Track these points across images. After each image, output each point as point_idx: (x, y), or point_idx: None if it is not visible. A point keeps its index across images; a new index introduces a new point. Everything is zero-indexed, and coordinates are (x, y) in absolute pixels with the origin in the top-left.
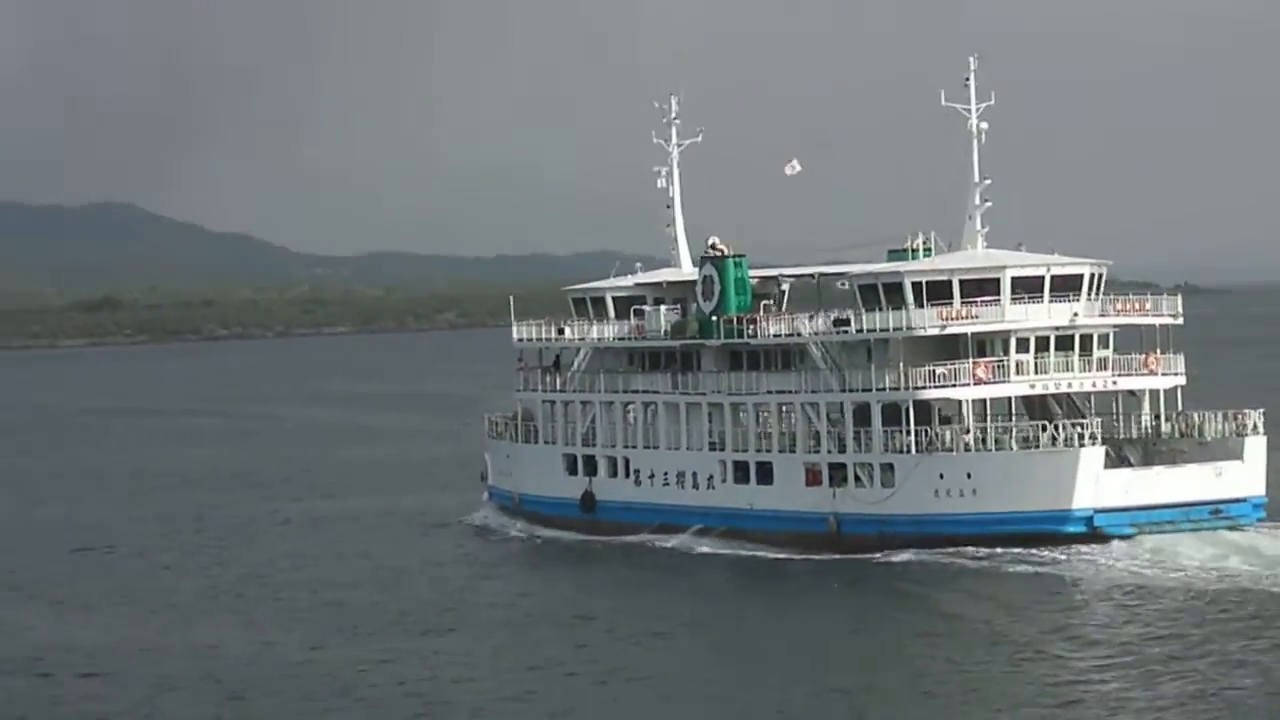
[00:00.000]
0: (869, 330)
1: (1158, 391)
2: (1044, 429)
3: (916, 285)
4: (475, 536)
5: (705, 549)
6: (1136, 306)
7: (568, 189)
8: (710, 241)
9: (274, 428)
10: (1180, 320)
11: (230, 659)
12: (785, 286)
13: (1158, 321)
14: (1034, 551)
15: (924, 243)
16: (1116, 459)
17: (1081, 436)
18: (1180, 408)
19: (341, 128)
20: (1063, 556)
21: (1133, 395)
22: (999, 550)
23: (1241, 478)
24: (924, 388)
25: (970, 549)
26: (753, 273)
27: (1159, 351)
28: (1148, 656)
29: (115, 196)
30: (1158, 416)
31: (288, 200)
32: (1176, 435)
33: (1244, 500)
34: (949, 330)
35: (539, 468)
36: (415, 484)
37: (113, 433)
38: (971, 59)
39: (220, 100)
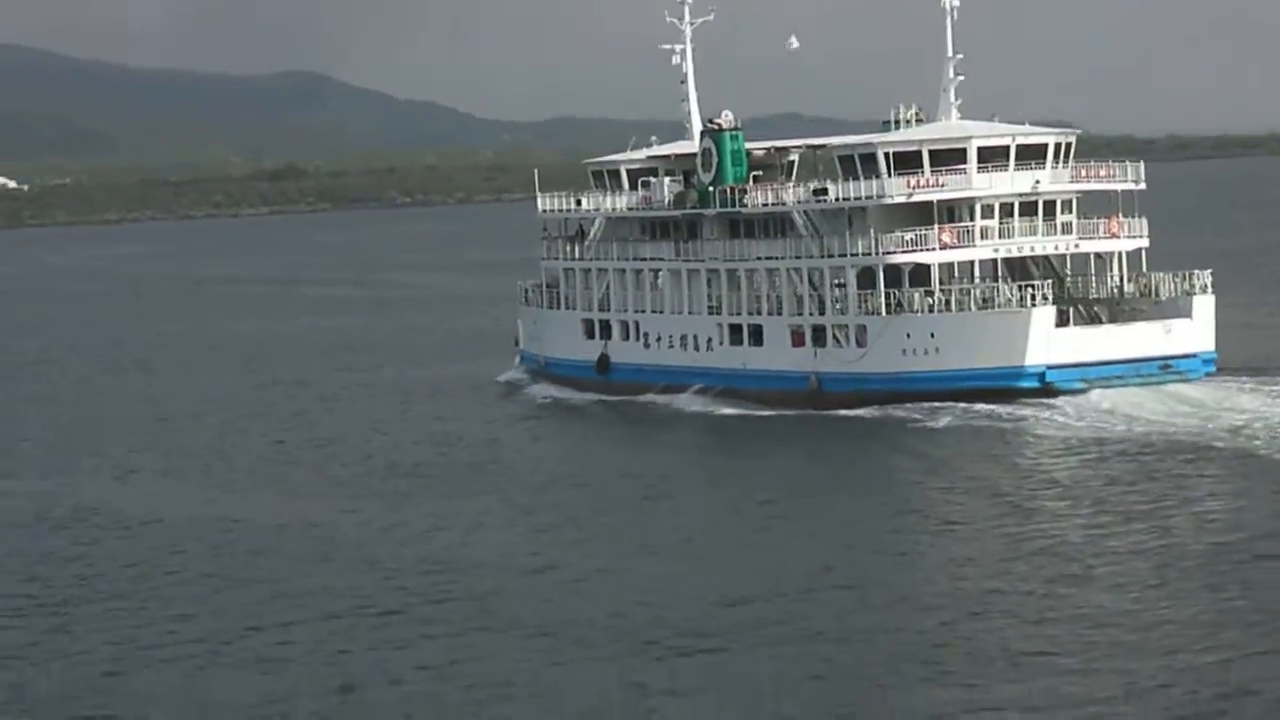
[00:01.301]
0: (844, 199)
1: (1120, 254)
2: (999, 291)
3: (888, 156)
4: (501, 398)
5: (702, 407)
6: (1099, 173)
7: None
8: (724, 115)
9: (401, 296)
10: (1142, 185)
11: (260, 520)
12: (794, 157)
13: (1119, 187)
14: (992, 406)
15: (916, 114)
16: (1087, 317)
17: (1034, 297)
18: (1144, 269)
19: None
20: (1016, 410)
21: (1100, 258)
22: (961, 405)
23: (1190, 334)
24: (893, 252)
25: (935, 404)
26: (760, 144)
27: (1121, 215)
28: (1077, 500)
29: (306, 66)
30: (1121, 278)
31: (475, 68)
32: (1138, 295)
33: (1193, 355)
34: (916, 198)
35: (561, 332)
36: (491, 349)
37: (244, 301)
38: None
39: None
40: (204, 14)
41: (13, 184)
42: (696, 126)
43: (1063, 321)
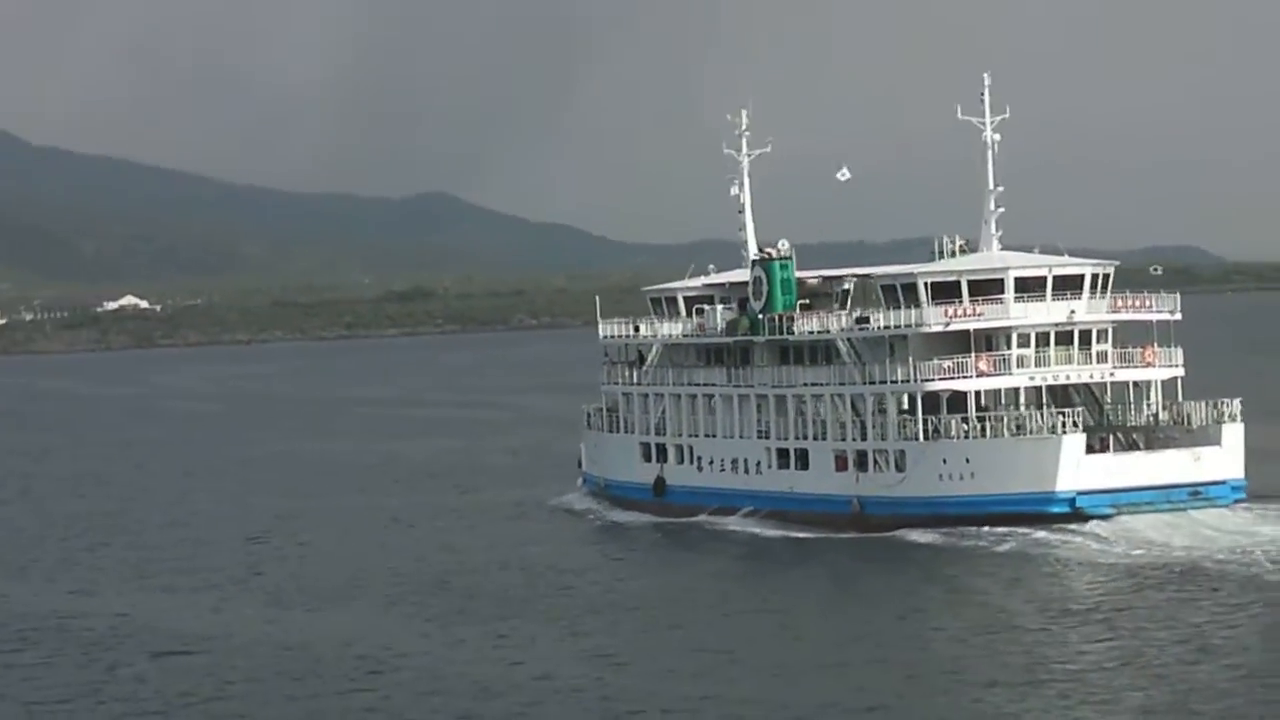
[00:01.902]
0: (885, 327)
1: (1155, 383)
2: (1031, 418)
3: (928, 285)
4: (558, 520)
5: (750, 529)
6: (1135, 304)
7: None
8: (779, 244)
9: (501, 418)
10: (1178, 315)
11: (315, 644)
12: (848, 286)
13: (1154, 317)
14: (1022, 531)
15: (961, 245)
16: (1125, 444)
17: (1065, 424)
18: (1180, 397)
19: (666, 122)
20: (1047, 535)
21: (1137, 386)
22: (996, 529)
23: (1219, 461)
24: (931, 380)
25: (970, 528)
26: (814, 273)
27: (1156, 345)
28: (1108, 623)
29: (438, 188)
30: (1157, 405)
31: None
32: (1171, 423)
33: (1222, 482)
34: (954, 327)
35: (620, 455)
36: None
37: (354, 422)
38: (985, 75)
39: (540, 97)
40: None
41: (145, 304)
42: (753, 255)
43: (1099, 448)
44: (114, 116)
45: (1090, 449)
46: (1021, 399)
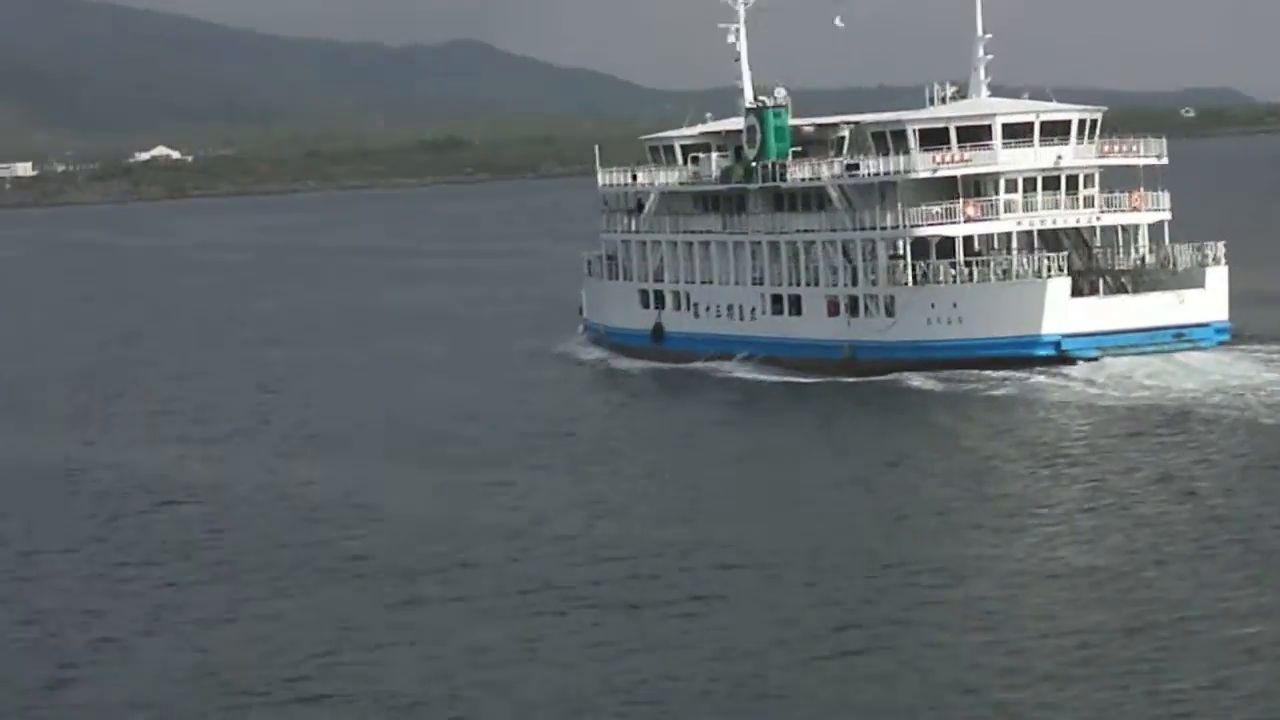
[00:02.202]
0: (874, 174)
1: (1142, 227)
2: (1016, 262)
3: (918, 132)
4: (558, 366)
5: (745, 373)
6: (1122, 148)
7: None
8: (776, 91)
9: (516, 266)
10: (1164, 160)
11: (311, 485)
12: (845, 133)
13: (1141, 162)
14: (1011, 373)
15: (955, 92)
16: (1114, 288)
17: (1050, 269)
18: (1167, 241)
19: None
20: (1032, 377)
21: (1125, 230)
22: (983, 373)
23: (1203, 304)
24: (919, 225)
25: (958, 371)
26: (811, 120)
27: (1143, 190)
28: (1090, 466)
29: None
30: (1144, 250)
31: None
32: (1158, 267)
33: (1206, 324)
34: (942, 173)
35: (620, 302)
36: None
37: (348, 274)
38: None
39: None
40: None
41: (177, 154)
42: (748, 103)
43: (1087, 291)
44: None
45: (1078, 292)
46: (1013, 243)
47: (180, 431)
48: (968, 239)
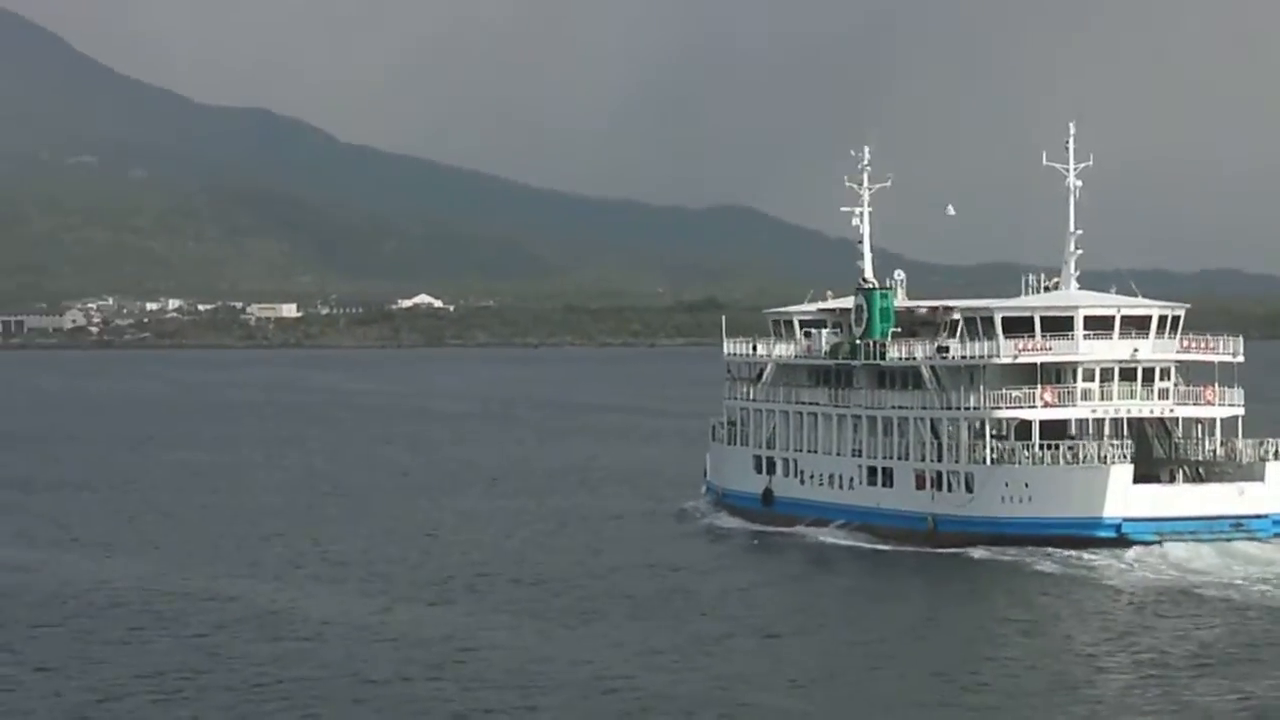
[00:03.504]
0: (961, 356)
1: (1216, 420)
2: (1086, 447)
3: (1004, 320)
4: (680, 524)
5: (840, 540)
6: (1199, 345)
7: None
8: (896, 274)
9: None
10: (1240, 358)
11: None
12: (959, 315)
13: (1216, 359)
14: (1071, 553)
15: (1048, 284)
16: (1189, 477)
17: (1114, 455)
18: (1240, 434)
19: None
20: (1094, 557)
21: (1199, 423)
22: (1048, 550)
23: (1262, 496)
24: (999, 408)
25: (1028, 547)
26: (923, 303)
27: (1217, 385)
28: (1135, 643)
29: (734, 200)
30: (1221, 442)
31: (906, 209)
32: (1227, 459)
33: (1264, 516)
34: (1021, 360)
35: (736, 466)
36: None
37: (592, 428)
38: (1071, 124)
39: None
40: (639, 151)
41: (438, 304)
42: (865, 283)
43: (1159, 479)
44: (418, 119)
45: (1149, 479)
46: (1098, 430)
47: (315, 571)
48: (1045, 423)
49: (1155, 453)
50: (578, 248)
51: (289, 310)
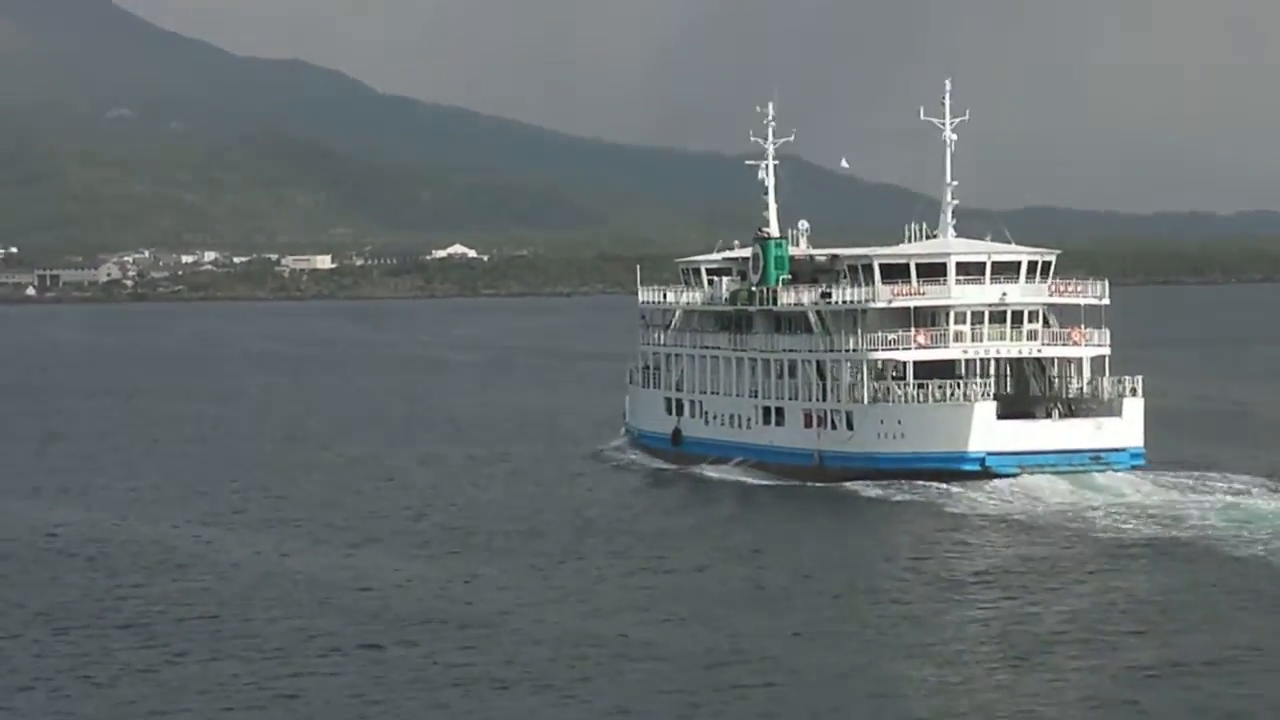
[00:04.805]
0: (843, 302)
1: (1084, 360)
2: (956, 386)
3: (883, 266)
4: (593, 463)
5: (735, 477)
6: (1065, 289)
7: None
8: (800, 224)
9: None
10: (1106, 300)
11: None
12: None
13: (1082, 301)
14: (941, 486)
15: (929, 232)
16: (1065, 414)
17: (979, 393)
18: (1107, 373)
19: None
20: (958, 489)
21: (1067, 362)
22: (919, 483)
23: (1119, 431)
24: (875, 350)
25: (901, 481)
26: (821, 251)
27: (1084, 326)
28: (991, 579)
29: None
30: (1089, 381)
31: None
32: (1090, 396)
33: (1121, 450)
34: (897, 304)
35: (649, 408)
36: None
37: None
38: (947, 80)
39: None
40: (683, 94)
41: (473, 254)
42: (775, 233)
43: (1028, 415)
44: (458, 69)
45: (1025, 415)
46: (973, 370)
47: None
48: (919, 364)
49: (1032, 390)
50: (615, 196)
51: (323, 262)
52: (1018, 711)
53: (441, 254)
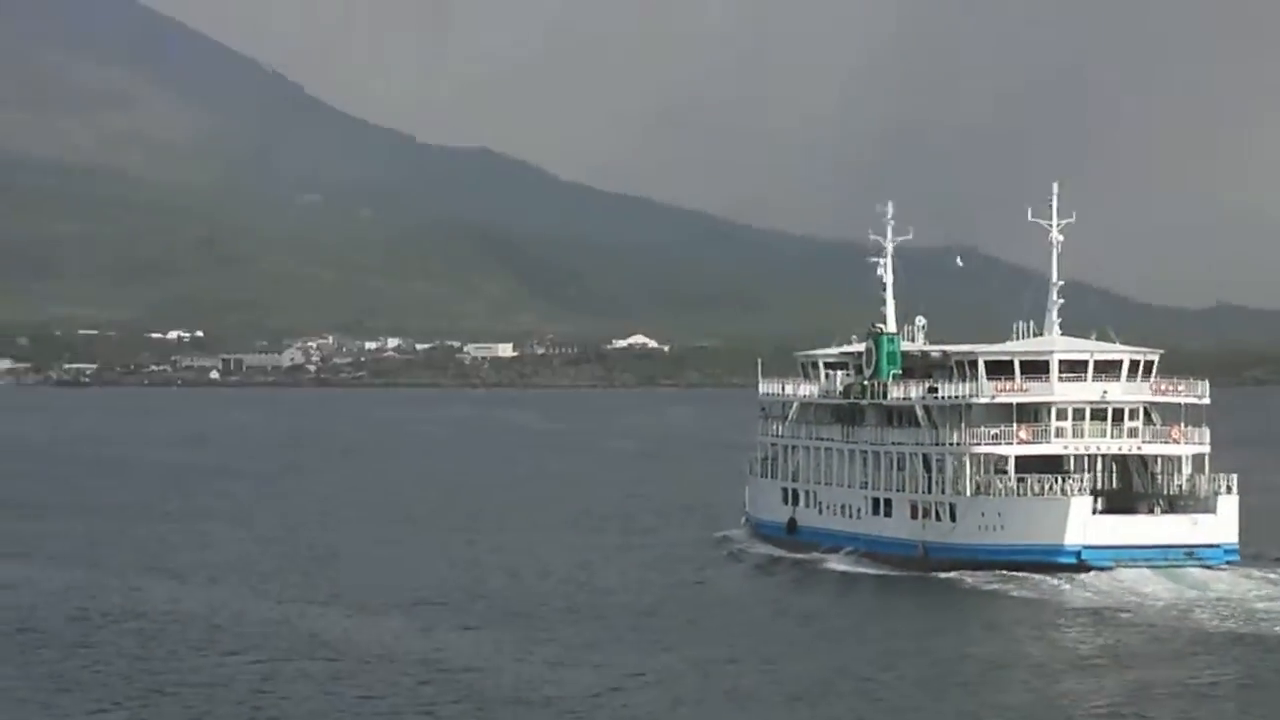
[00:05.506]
0: (949, 397)
1: (1184, 457)
2: (1054, 480)
3: (987, 363)
4: (713, 551)
5: (845, 566)
6: (1167, 388)
7: None
8: (917, 320)
9: None
10: (1206, 400)
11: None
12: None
13: (1182, 400)
14: (1039, 577)
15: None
16: (1166, 509)
17: (1077, 489)
18: (1207, 470)
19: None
20: (1056, 582)
21: (1168, 460)
22: (1019, 574)
23: (1213, 526)
24: (978, 444)
25: (1002, 571)
26: (933, 347)
27: (1183, 424)
28: (1088, 666)
29: (959, 240)
30: (1188, 478)
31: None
32: (1189, 493)
33: (1215, 546)
34: (1000, 399)
35: (767, 498)
36: None
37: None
38: (1055, 184)
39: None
40: (861, 184)
41: (653, 344)
42: (892, 329)
43: (1130, 510)
44: (638, 159)
45: (1128, 511)
46: (1078, 465)
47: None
48: (1021, 458)
49: (1135, 487)
50: (798, 289)
51: (505, 350)
52: None
53: (622, 343)
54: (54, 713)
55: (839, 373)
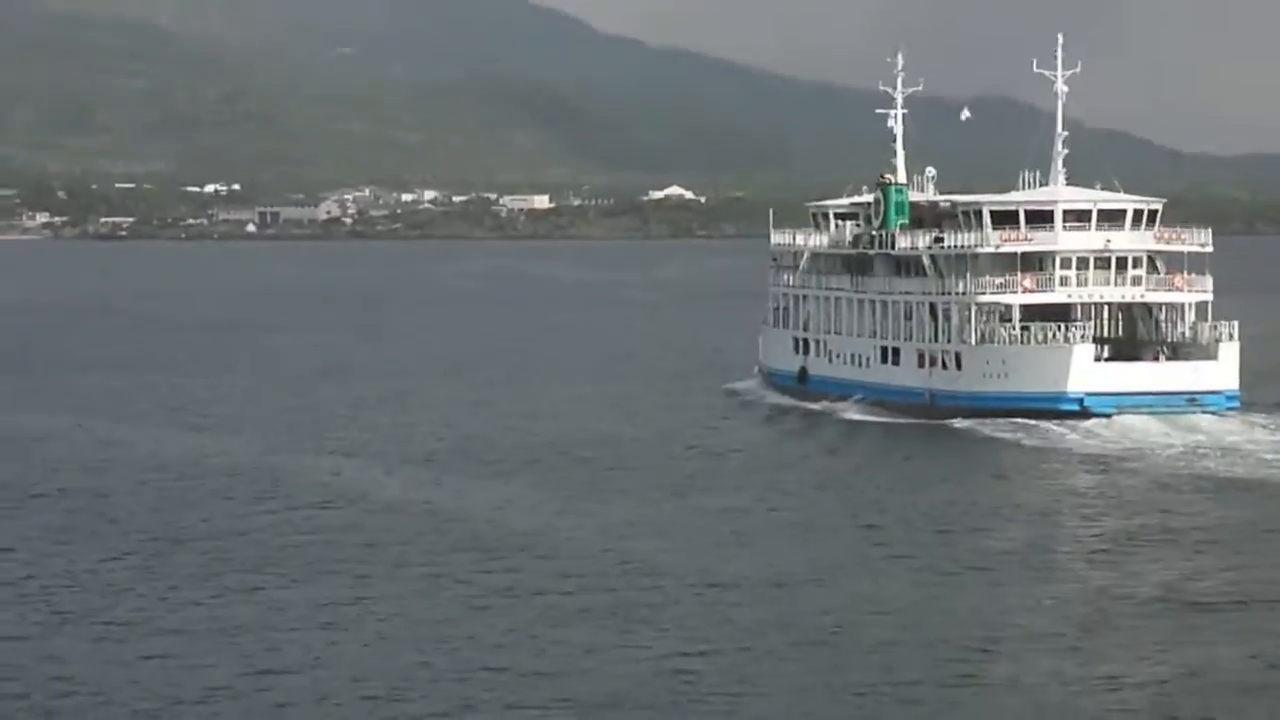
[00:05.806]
0: (954, 246)
1: (1187, 305)
2: (1057, 329)
3: (993, 213)
4: (725, 400)
5: (854, 414)
6: (1170, 236)
7: None
8: (927, 171)
9: None
10: (1209, 248)
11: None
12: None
13: (1186, 249)
14: (1039, 423)
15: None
16: (1170, 357)
17: (1078, 336)
18: (1210, 319)
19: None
20: (1058, 428)
21: (1171, 308)
22: (1021, 421)
23: (1215, 373)
24: (983, 293)
25: (1003, 419)
26: (941, 198)
27: (1186, 273)
28: (1089, 509)
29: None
30: (1191, 325)
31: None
32: (1191, 341)
33: (1217, 392)
34: (1005, 249)
35: (779, 347)
36: None
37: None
38: (1059, 34)
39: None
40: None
41: (689, 195)
42: (902, 179)
43: (1135, 358)
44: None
45: (1133, 358)
46: (1083, 314)
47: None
48: (1025, 307)
49: (1139, 335)
50: (836, 141)
51: (541, 201)
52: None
53: (658, 195)
54: (67, 558)
55: (849, 223)
